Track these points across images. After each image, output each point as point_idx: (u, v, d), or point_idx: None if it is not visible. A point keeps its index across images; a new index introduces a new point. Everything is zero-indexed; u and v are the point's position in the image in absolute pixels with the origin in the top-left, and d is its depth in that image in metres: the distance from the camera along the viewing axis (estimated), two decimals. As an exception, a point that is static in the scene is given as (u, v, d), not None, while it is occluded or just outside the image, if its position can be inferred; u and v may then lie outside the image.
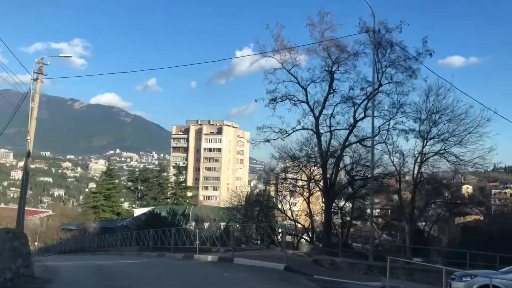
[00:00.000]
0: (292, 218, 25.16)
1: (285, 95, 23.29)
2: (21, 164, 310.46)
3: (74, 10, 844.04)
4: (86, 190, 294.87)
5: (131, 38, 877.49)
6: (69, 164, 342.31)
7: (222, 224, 60.30)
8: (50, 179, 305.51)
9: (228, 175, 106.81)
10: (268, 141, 22.71)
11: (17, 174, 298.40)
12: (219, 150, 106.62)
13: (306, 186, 24.10)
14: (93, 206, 76.09)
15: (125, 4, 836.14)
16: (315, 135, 22.53)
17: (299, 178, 24.25)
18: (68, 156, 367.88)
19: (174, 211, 31.14)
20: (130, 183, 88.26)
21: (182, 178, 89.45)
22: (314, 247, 15.79)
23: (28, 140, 20.98)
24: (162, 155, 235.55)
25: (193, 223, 56.83)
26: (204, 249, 17.64)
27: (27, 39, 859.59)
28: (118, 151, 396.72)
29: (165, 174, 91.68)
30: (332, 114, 23.38)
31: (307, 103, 23.37)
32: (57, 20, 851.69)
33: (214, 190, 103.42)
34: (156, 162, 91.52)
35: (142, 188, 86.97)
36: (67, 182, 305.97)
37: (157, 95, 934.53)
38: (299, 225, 26.11)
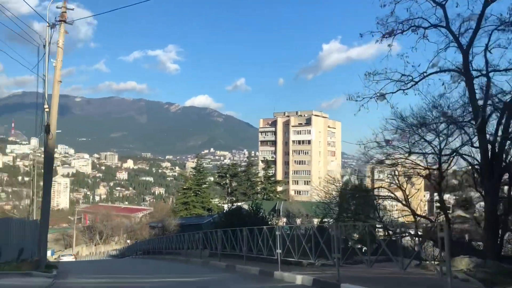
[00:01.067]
0: (414, 212, 16.86)
1: (410, 19, 13.74)
2: (125, 165, 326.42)
3: (168, 18, 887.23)
4: (184, 188, 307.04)
5: (220, 40, 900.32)
6: (168, 164, 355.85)
7: (316, 221, 54.01)
8: (151, 179, 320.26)
9: (319, 168, 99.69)
10: (383, 96, 13.78)
11: (122, 175, 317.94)
12: (309, 142, 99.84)
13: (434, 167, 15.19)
14: (184, 202, 73.94)
15: (214, 5, 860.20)
16: (461, 82, 13.27)
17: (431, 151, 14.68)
18: (167, 157, 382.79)
19: (257, 205, 25.13)
20: (219, 179, 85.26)
21: (271, 173, 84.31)
22: (482, 263, 8.87)
23: (46, 109, 16.04)
24: (253, 152, 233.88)
25: (284, 220, 51.19)
26: (290, 261, 11.54)
27: (127, 48, 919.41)
28: (212, 150, 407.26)
29: (254, 169, 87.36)
30: (487, 46, 13.05)
31: (448, 27, 13.53)
32: (152, 29, 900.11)
33: (305, 184, 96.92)
34: (247, 161, 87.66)
35: (231, 183, 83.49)
36: (166, 181, 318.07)
37: (246, 94, 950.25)
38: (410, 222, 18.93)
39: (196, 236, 20.33)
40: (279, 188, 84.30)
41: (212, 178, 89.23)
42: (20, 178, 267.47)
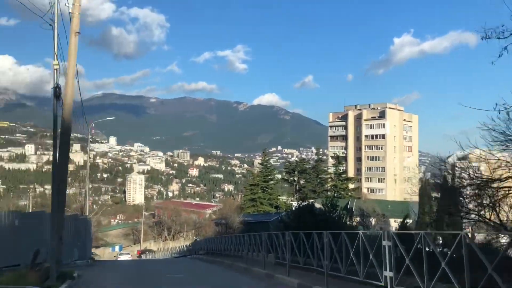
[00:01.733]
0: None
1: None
2: (196, 163, 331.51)
3: (236, 19, 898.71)
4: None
5: (287, 39, 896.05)
6: (237, 162, 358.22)
7: (393, 221, 48.30)
8: (221, 176, 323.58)
9: (394, 164, 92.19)
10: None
11: (193, 172, 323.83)
12: (383, 136, 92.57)
13: None
14: (251, 198, 70.91)
15: (281, 4, 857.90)
16: None
17: None
18: (235, 154, 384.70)
19: (332, 202, 20.72)
20: (287, 175, 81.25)
21: (342, 169, 78.77)
22: None
23: (56, 66, 12.68)
24: (321, 150, 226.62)
25: (357, 219, 46.13)
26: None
27: (197, 49, 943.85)
28: (279, 147, 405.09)
29: (323, 165, 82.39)
30: None
31: None
32: (222, 30, 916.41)
33: (379, 181, 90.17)
34: (316, 158, 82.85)
35: (299, 180, 79.27)
36: (235, 178, 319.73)
37: (314, 92, 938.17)
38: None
39: (259, 238, 16.30)
40: (351, 186, 78.66)
41: (279, 176, 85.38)
42: (99, 175, 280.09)
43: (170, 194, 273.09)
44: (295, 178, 79.13)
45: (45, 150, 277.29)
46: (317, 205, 53.23)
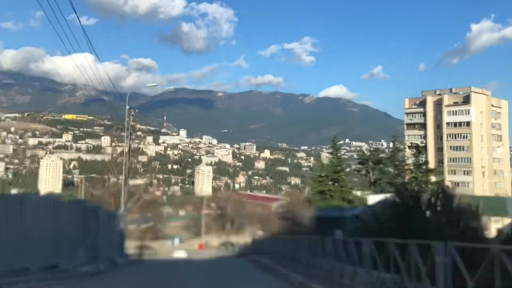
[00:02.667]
0: None
1: None
2: (263, 155, 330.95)
3: (303, 11, 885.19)
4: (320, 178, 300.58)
5: (355, 29, 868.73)
6: (303, 155, 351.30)
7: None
8: (287, 169, 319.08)
9: (482, 155, 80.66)
10: None
11: (259, 165, 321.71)
12: (467, 124, 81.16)
13: None
14: (320, 191, 64.02)
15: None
16: None
17: None
18: (302, 147, 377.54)
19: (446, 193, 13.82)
20: (360, 166, 73.36)
21: (422, 160, 69.44)
22: None
23: None
24: (391, 144, 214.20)
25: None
26: None
27: (264, 43, 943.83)
28: (347, 140, 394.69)
29: (400, 154, 73.54)
30: None
31: None
32: (289, 22, 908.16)
33: (464, 174, 79.29)
34: (386, 151, 74.35)
35: (373, 171, 71.12)
36: (301, 171, 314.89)
37: (383, 83, 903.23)
38: None
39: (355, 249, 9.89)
40: (433, 178, 69.16)
41: (348, 169, 77.34)
42: (170, 166, 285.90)
43: (237, 186, 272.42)
44: (369, 170, 71.15)
45: (119, 142, 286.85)
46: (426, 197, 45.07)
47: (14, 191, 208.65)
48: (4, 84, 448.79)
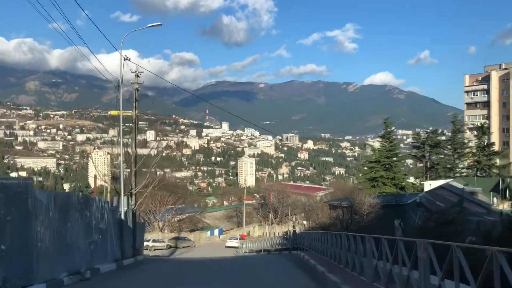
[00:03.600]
0: None
1: None
2: (306, 146, 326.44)
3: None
4: (365, 168, 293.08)
5: (400, 14, 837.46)
6: (347, 144, 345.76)
7: None
8: (330, 159, 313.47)
9: (554, 136, 71.66)
10: None
11: (302, 155, 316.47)
12: (539, 101, 72.29)
13: None
14: (371, 178, 58.46)
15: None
16: None
17: None
18: (346, 137, 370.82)
19: None
20: (415, 150, 66.81)
21: (485, 142, 61.99)
22: None
23: None
24: (440, 130, 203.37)
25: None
26: None
27: (306, 31, 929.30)
28: (393, 128, 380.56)
29: (459, 136, 66.25)
30: None
31: None
32: (330, 9, 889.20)
33: (534, 157, 70.71)
34: (445, 133, 67.01)
35: (430, 155, 64.48)
36: (346, 161, 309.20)
37: (430, 68, 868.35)
38: None
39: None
40: (498, 162, 61.66)
41: (401, 155, 70.71)
42: (213, 158, 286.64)
43: (280, 177, 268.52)
44: (426, 154, 64.57)
45: (164, 136, 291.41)
46: (456, 184, 38.17)
47: (66, 186, 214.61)
48: (52, 83, 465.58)
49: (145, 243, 41.48)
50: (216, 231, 56.02)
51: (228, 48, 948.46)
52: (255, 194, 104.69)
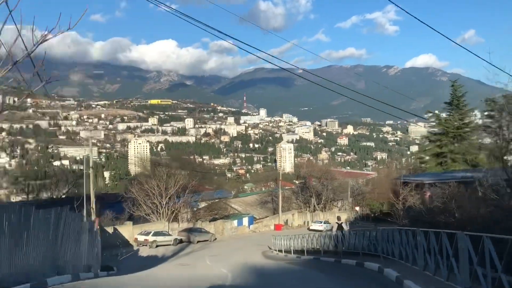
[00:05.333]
0: None
1: None
2: (345, 131, 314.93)
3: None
4: (408, 152, 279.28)
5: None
6: (389, 129, 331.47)
7: None
8: (372, 144, 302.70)
9: None
10: None
11: (342, 141, 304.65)
12: None
13: None
14: (436, 153, 46.24)
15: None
16: None
17: None
18: (387, 122, 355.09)
19: None
20: (488, 120, 52.93)
21: None
22: None
23: None
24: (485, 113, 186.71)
25: None
26: None
27: (344, 14, 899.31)
28: (436, 112, 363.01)
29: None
30: None
31: None
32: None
33: None
34: (480, 122, 53.50)
35: (509, 125, 50.06)
36: (388, 146, 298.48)
37: (476, 48, 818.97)
38: None
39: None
40: None
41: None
42: (251, 145, 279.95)
43: (320, 163, 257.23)
44: (503, 124, 50.64)
45: (202, 124, 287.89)
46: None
47: (106, 173, 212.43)
48: (95, 74, 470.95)
49: (143, 238, 32.03)
50: (246, 220, 45.16)
51: (265, 34, 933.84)
52: (295, 181, 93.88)
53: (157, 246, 31.11)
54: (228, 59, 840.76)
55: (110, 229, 32.52)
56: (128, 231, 33.63)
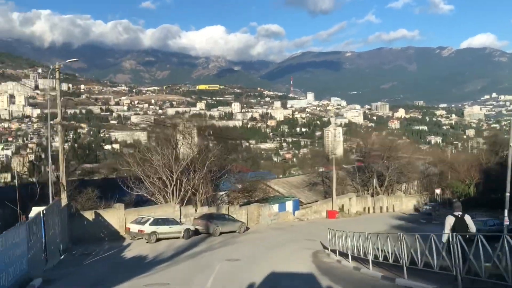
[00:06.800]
0: None
1: None
2: (397, 115, 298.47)
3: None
4: (464, 136, 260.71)
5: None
6: (443, 112, 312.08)
7: None
8: (425, 127, 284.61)
9: None
10: None
11: (393, 124, 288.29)
12: None
13: None
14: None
15: None
16: None
17: None
18: (440, 105, 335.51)
19: None
20: None
21: None
22: None
23: None
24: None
25: None
26: None
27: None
28: (494, 95, 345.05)
29: None
30: None
31: None
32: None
33: None
34: None
35: None
36: (442, 129, 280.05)
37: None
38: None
39: None
40: None
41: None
42: (298, 129, 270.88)
43: (369, 147, 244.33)
44: None
45: (248, 108, 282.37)
46: None
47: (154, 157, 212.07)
48: (146, 62, 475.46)
49: (137, 227, 23.16)
50: (289, 205, 35.41)
51: (313, 17, 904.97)
52: (344, 166, 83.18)
53: (158, 239, 22.43)
54: (275, 44, 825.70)
55: (90, 215, 23.89)
56: (117, 217, 24.80)
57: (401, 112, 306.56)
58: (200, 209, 28.90)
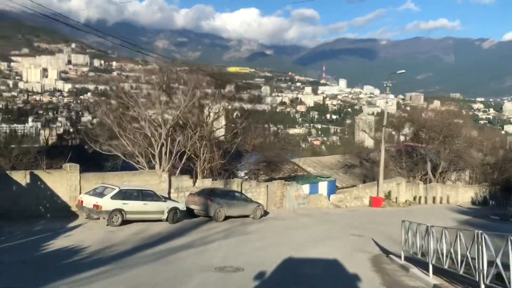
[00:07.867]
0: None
1: None
2: (431, 106, 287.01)
3: None
4: (502, 132, 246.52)
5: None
6: (481, 106, 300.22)
7: None
8: (461, 121, 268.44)
9: None
10: None
11: (428, 116, 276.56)
12: None
13: None
14: None
15: None
16: None
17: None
18: (478, 98, 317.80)
19: None
20: None
21: None
22: None
23: None
24: None
25: None
26: None
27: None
28: None
29: None
30: None
31: None
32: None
33: None
34: None
35: None
36: (479, 124, 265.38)
37: None
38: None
39: None
40: None
41: None
42: (328, 116, 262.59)
43: (402, 138, 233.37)
44: None
45: (278, 93, 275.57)
46: None
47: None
48: (178, 42, 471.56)
49: (92, 200, 15.39)
50: (323, 186, 27.27)
51: (350, 2, 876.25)
52: (371, 154, 74.81)
53: (125, 221, 15.36)
54: (309, 29, 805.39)
55: (22, 177, 15.93)
56: (68, 184, 16.96)
57: (436, 104, 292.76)
58: (201, 181, 21.28)
